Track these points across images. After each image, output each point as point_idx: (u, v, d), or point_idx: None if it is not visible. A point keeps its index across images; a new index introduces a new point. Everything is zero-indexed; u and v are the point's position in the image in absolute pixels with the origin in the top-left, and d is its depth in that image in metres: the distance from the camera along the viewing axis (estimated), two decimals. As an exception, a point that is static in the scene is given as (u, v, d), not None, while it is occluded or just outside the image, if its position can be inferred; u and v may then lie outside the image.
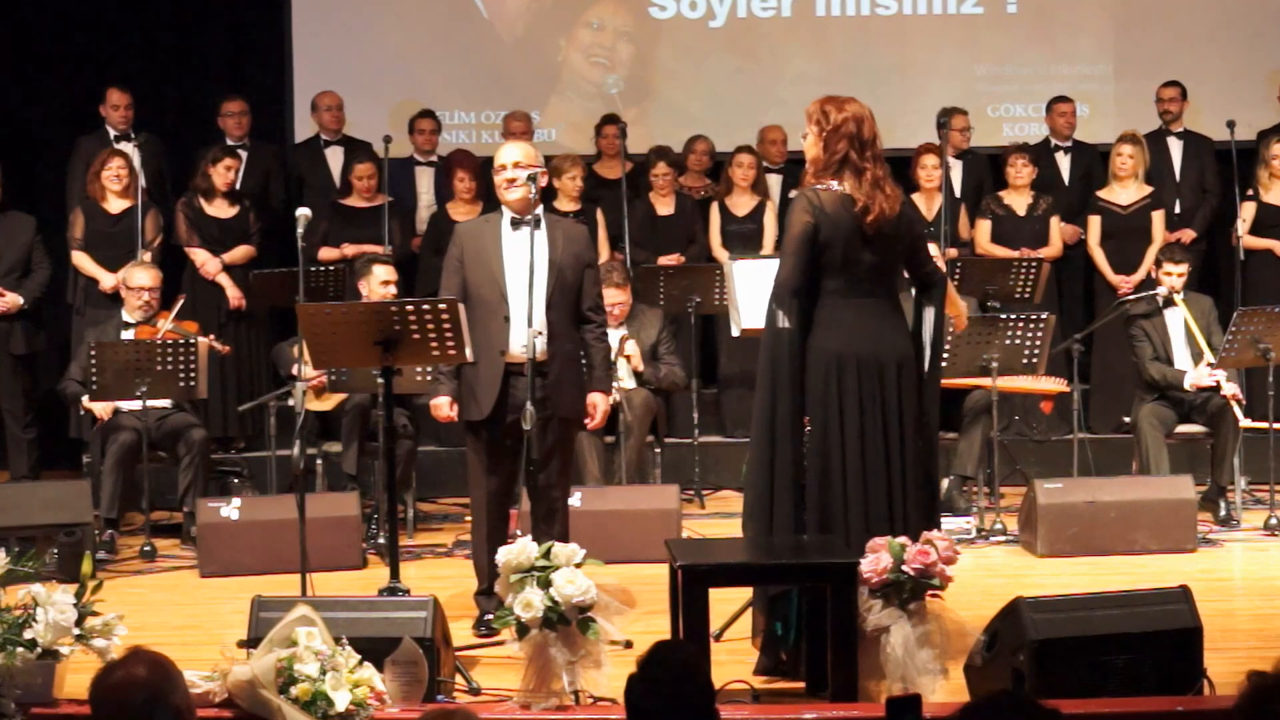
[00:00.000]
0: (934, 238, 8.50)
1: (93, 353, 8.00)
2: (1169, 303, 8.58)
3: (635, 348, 8.60)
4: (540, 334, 6.04)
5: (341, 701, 4.74)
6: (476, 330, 6.12)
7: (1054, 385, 8.66)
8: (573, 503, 7.00)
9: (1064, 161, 10.46)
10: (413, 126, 10.45)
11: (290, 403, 6.87)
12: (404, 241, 9.87)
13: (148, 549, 7.95)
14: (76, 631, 5.03)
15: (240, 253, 9.61)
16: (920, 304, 5.66)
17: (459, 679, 5.38)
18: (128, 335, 8.38)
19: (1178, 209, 10.25)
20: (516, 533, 5.91)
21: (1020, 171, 9.87)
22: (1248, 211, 9.85)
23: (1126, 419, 8.65)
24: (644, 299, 9.02)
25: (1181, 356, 8.55)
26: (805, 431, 5.41)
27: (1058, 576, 7.15)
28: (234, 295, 9.52)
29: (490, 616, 5.83)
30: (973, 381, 8.23)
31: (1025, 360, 8.15)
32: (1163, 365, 8.51)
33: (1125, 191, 9.91)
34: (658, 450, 8.86)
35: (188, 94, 10.96)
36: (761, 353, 5.48)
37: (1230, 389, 8.29)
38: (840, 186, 5.45)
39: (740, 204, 10.12)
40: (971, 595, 6.15)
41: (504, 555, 5.08)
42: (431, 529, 8.60)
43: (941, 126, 8.91)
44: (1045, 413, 9.26)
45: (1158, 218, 9.91)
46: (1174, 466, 8.36)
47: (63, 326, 9.70)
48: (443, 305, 5.94)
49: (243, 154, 10.11)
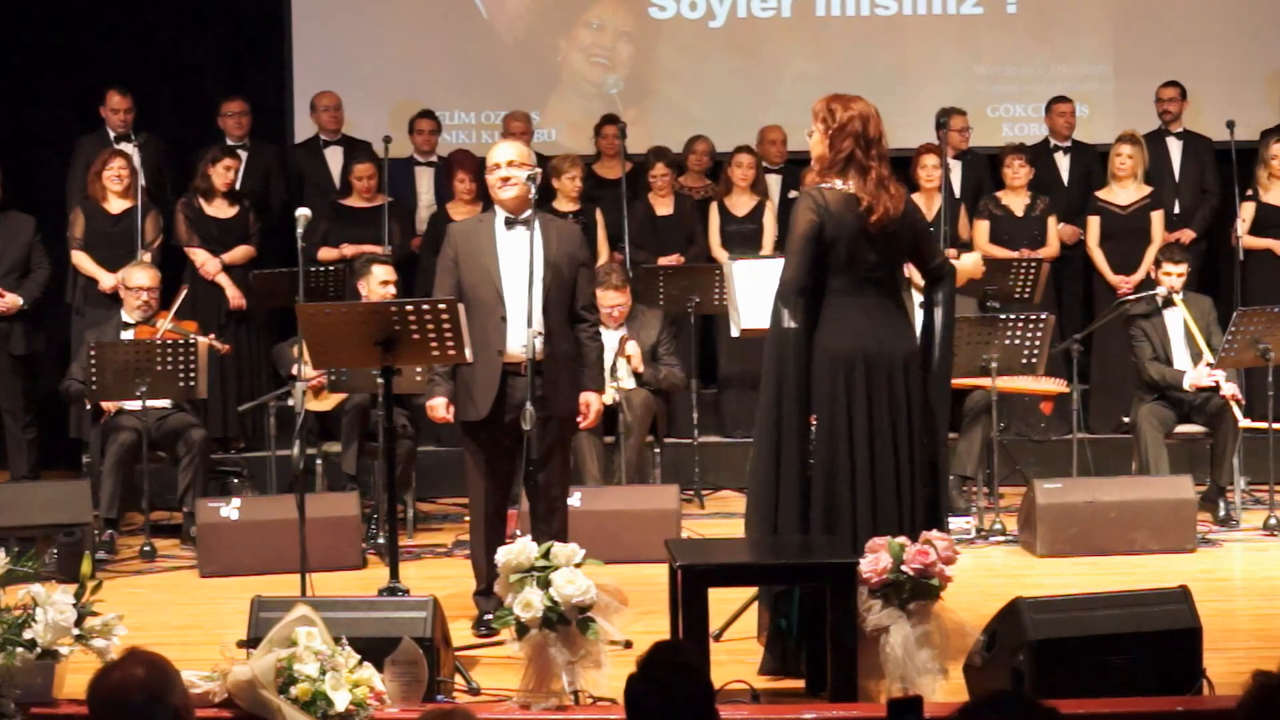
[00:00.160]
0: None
1: (92, 353, 8.00)
2: (1168, 303, 8.58)
3: (636, 349, 8.60)
4: (540, 334, 6.04)
5: (341, 701, 4.74)
6: (473, 331, 6.10)
7: (1054, 386, 8.66)
8: (573, 503, 7.00)
9: (1063, 162, 10.45)
10: (412, 127, 10.44)
11: (290, 403, 6.87)
12: (404, 242, 9.86)
13: (148, 549, 7.95)
14: (76, 631, 5.02)
15: (240, 253, 9.61)
16: (931, 298, 5.66)
17: (459, 679, 5.38)
18: (127, 335, 8.37)
19: (1177, 209, 10.25)
20: (516, 533, 5.91)
21: (1017, 172, 9.86)
22: (1247, 211, 9.85)
23: (1126, 419, 8.65)
24: (644, 299, 9.02)
25: (1181, 357, 8.55)
26: (811, 430, 5.42)
27: (1057, 576, 7.16)
28: (234, 295, 9.52)
29: (490, 616, 5.83)
30: (972, 381, 8.23)
31: (1025, 360, 8.16)
32: (1162, 365, 8.51)
33: (1124, 192, 9.90)
34: (657, 450, 8.86)
35: (188, 94, 10.95)
36: (766, 352, 5.48)
37: (1230, 389, 8.29)
38: (845, 185, 5.45)
39: (740, 204, 10.11)
40: (971, 595, 6.14)
41: (504, 555, 5.08)
42: (431, 529, 8.60)
43: (941, 127, 8.90)
44: (1046, 413, 9.26)
45: (1157, 218, 9.91)
46: (1174, 466, 8.36)
47: (62, 326, 9.70)
48: (442, 305, 5.93)
49: (243, 154, 10.11)
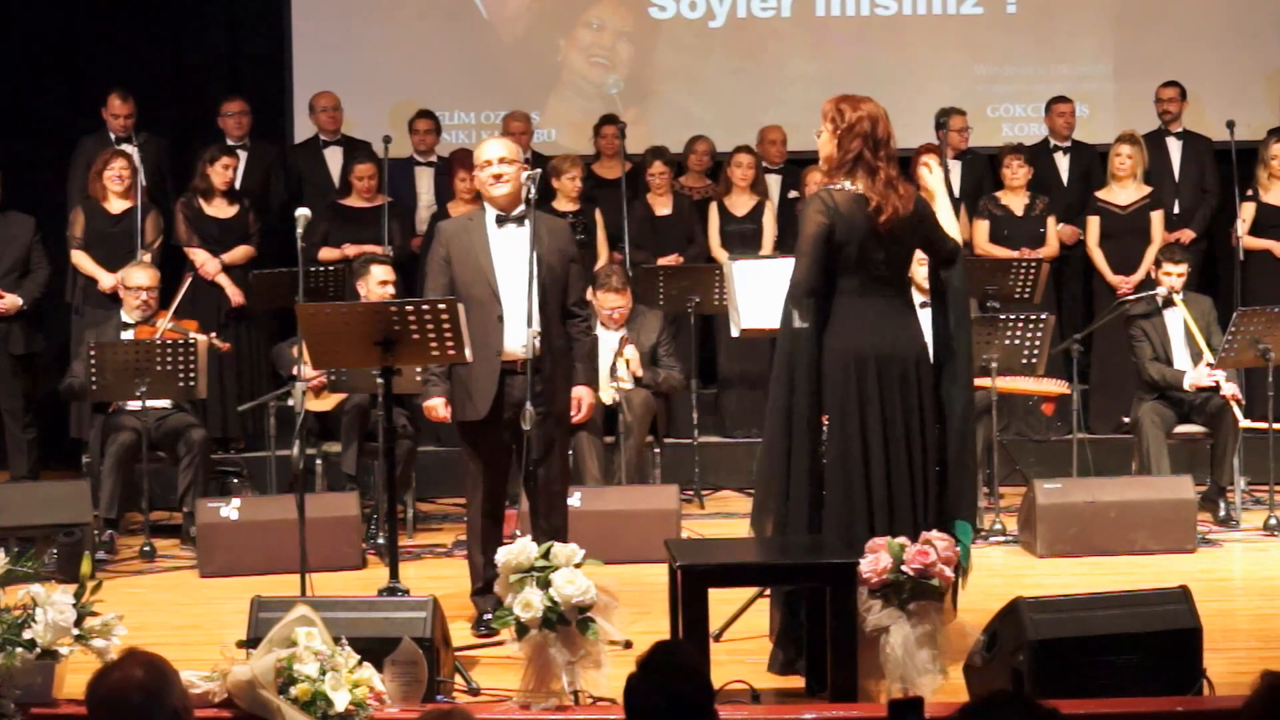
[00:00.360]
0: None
1: (92, 353, 8.00)
2: (1168, 303, 8.58)
3: (635, 353, 8.53)
4: (539, 333, 6.04)
5: (341, 701, 4.74)
6: (470, 330, 6.10)
7: (1055, 387, 8.65)
8: (573, 503, 6.99)
9: (1063, 162, 10.45)
10: (412, 127, 10.43)
11: (290, 403, 6.87)
12: (404, 242, 9.86)
13: (147, 549, 7.95)
14: (76, 632, 5.02)
15: (240, 253, 9.60)
16: (939, 284, 5.67)
17: (458, 679, 5.38)
18: (127, 335, 8.37)
19: (1177, 209, 10.25)
20: (515, 533, 5.90)
21: (1016, 172, 9.87)
22: (1247, 212, 9.85)
23: (1126, 419, 8.65)
24: (643, 299, 9.01)
25: (1181, 357, 8.55)
26: (823, 431, 5.42)
27: (1057, 576, 7.15)
28: (234, 294, 9.52)
29: (489, 616, 5.83)
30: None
31: (1025, 360, 8.15)
32: (1162, 365, 8.51)
33: (1124, 192, 9.90)
34: (657, 450, 8.86)
35: (188, 94, 10.95)
36: (777, 353, 5.49)
37: (1230, 389, 8.28)
38: (854, 186, 5.46)
39: (739, 204, 10.11)
40: (971, 595, 6.13)
41: (504, 555, 5.08)
42: (431, 529, 8.59)
43: (940, 127, 8.91)
44: (1047, 414, 9.26)
45: (1157, 218, 9.91)
46: (1174, 466, 8.36)
47: (62, 326, 9.70)
48: (442, 305, 5.93)
49: (242, 154, 10.10)
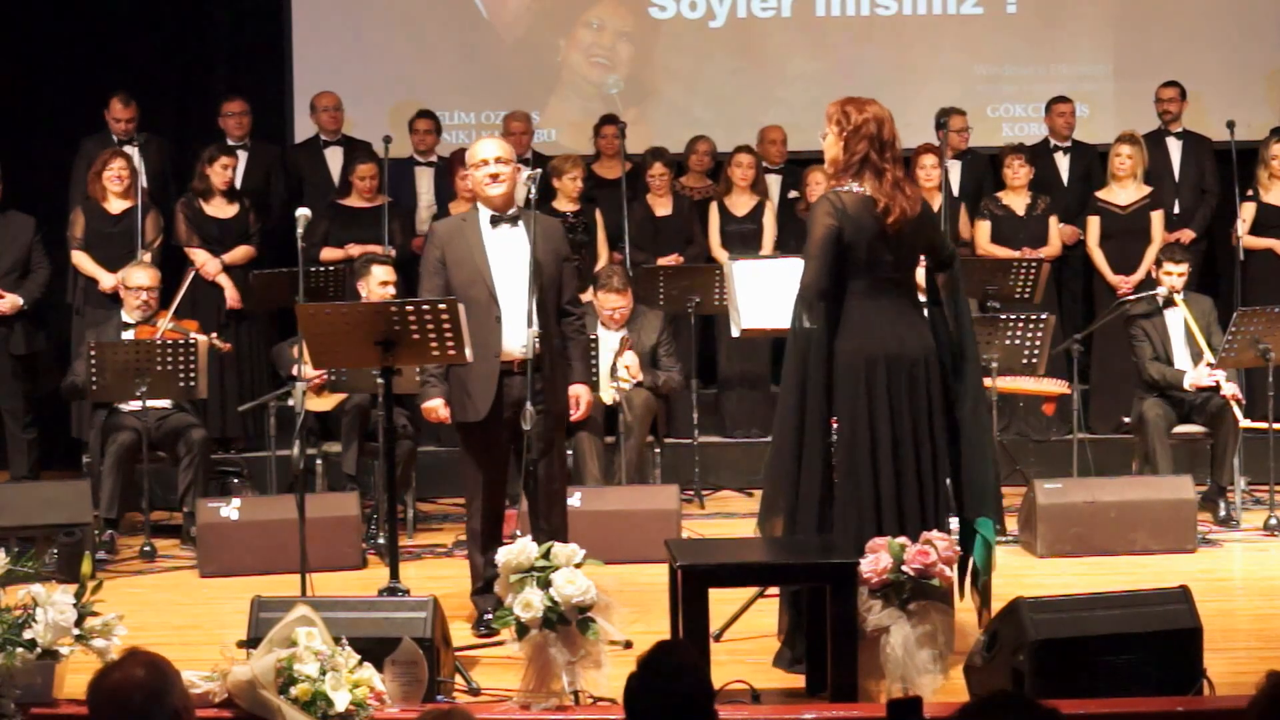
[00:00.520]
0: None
1: (92, 353, 8.00)
2: (1169, 303, 8.57)
3: (634, 359, 8.48)
4: (540, 333, 6.03)
5: (341, 702, 4.74)
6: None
7: (1056, 387, 8.65)
8: (573, 503, 6.99)
9: (1063, 162, 10.45)
10: (412, 127, 10.43)
11: (290, 403, 6.87)
12: (404, 242, 9.86)
13: (148, 549, 7.95)
14: (76, 632, 5.03)
15: (240, 253, 9.60)
16: (936, 288, 5.69)
17: (459, 679, 5.38)
18: (127, 335, 8.37)
19: (1177, 209, 10.25)
20: (516, 533, 5.90)
21: (1018, 172, 9.87)
22: (1248, 212, 9.85)
23: (1126, 419, 8.65)
24: (644, 300, 9.01)
25: (1181, 357, 8.55)
26: (833, 431, 5.43)
27: (1058, 576, 7.15)
28: (231, 296, 9.51)
29: (489, 616, 5.83)
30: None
31: (1025, 360, 8.15)
32: (1163, 365, 8.50)
33: (1124, 192, 9.90)
34: (657, 450, 8.85)
35: (188, 95, 10.95)
36: (787, 354, 5.51)
37: (1230, 389, 8.28)
38: (861, 188, 5.47)
39: (739, 204, 10.11)
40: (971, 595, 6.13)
41: (504, 555, 5.08)
42: (431, 529, 8.59)
43: (940, 127, 8.91)
44: (1048, 414, 9.25)
45: (1157, 218, 9.91)
46: (1174, 466, 8.36)
47: (63, 326, 9.70)
48: (442, 305, 5.92)
49: (242, 154, 10.10)
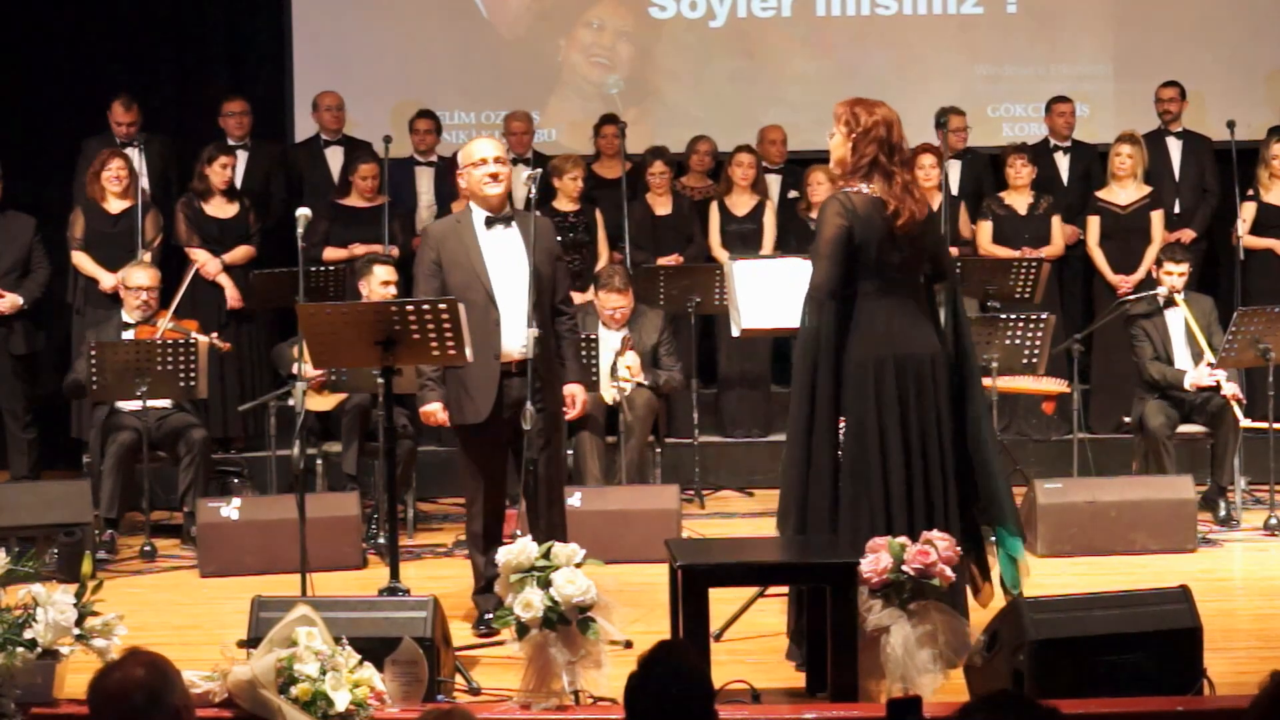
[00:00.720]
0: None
1: (93, 353, 8.00)
2: (1169, 303, 8.57)
3: (636, 360, 8.47)
4: (539, 334, 6.03)
5: (341, 701, 4.73)
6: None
7: (1055, 386, 8.65)
8: (573, 503, 6.99)
9: (1063, 161, 10.45)
10: (412, 127, 10.43)
11: (290, 402, 6.87)
12: (404, 241, 9.85)
13: (148, 549, 7.95)
14: (76, 631, 5.02)
15: (240, 253, 9.59)
16: (939, 293, 5.70)
17: (459, 679, 5.38)
18: (128, 335, 8.37)
19: (1177, 209, 10.25)
20: (516, 533, 5.90)
21: (1020, 172, 9.87)
22: (1248, 211, 9.85)
23: (1127, 419, 8.65)
24: (644, 299, 9.01)
25: (1182, 356, 8.55)
26: (841, 432, 5.43)
27: (1058, 576, 7.15)
28: (231, 296, 9.51)
29: (490, 616, 5.83)
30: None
31: (1025, 360, 8.16)
32: (1163, 365, 8.50)
33: (1124, 192, 9.90)
34: (658, 450, 8.85)
35: (189, 95, 10.94)
36: (797, 355, 5.52)
37: (1230, 389, 8.28)
38: (870, 189, 5.47)
39: (740, 204, 10.11)
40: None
41: (504, 555, 5.08)
42: (431, 529, 8.59)
43: (940, 126, 8.91)
44: (1047, 414, 9.25)
45: (1157, 218, 9.91)
46: (1174, 466, 8.35)
47: (63, 326, 9.71)
48: (443, 305, 5.91)
49: (242, 154, 10.10)
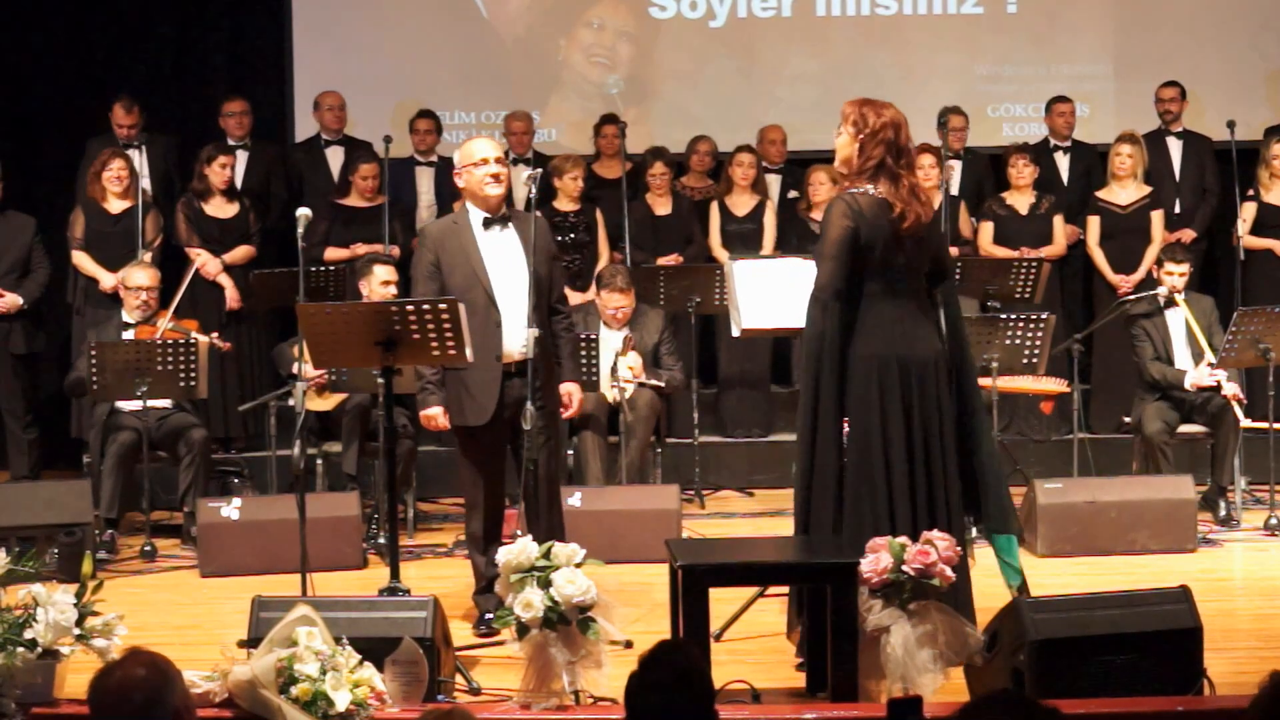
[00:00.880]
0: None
1: (93, 353, 8.00)
2: (1170, 303, 8.58)
3: (638, 360, 8.48)
4: (539, 334, 6.03)
5: (341, 701, 4.74)
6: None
7: (1055, 385, 8.66)
8: (573, 503, 6.99)
9: (1063, 161, 10.45)
10: (412, 127, 10.43)
11: (290, 402, 6.87)
12: (405, 242, 9.85)
13: (148, 549, 7.95)
14: (77, 631, 5.03)
15: (240, 253, 9.59)
16: (934, 298, 5.70)
17: (459, 679, 5.38)
18: (128, 335, 8.37)
19: (1177, 209, 10.25)
20: (516, 533, 5.90)
21: (1022, 172, 9.87)
22: (1248, 211, 9.85)
23: (1127, 419, 8.65)
24: (644, 299, 9.01)
25: (1182, 356, 8.55)
26: (845, 433, 5.43)
27: (1058, 576, 7.15)
28: (231, 296, 9.50)
29: (490, 616, 5.83)
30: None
31: (1025, 360, 8.16)
32: (1163, 365, 8.50)
33: (1124, 191, 9.90)
34: (658, 450, 8.86)
35: (189, 95, 10.95)
36: (803, 356, 5.52)
37: (1231, 389, 8.28)
38: (876, 191, 5.48)
39: (740, 204, 10.11)
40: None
41: (504, 555, 5.08)
42: (431, 529, 8.60)
43: (941, 126, 8.91)
44: (1046, 413, 9.26)
45: (1157, 218, 9.91)
46: (1174, 466, 8.36)
47: (63, 326, 9.71)
48: (443, 305, 5.91)
49: (242, 154, 10.09)
